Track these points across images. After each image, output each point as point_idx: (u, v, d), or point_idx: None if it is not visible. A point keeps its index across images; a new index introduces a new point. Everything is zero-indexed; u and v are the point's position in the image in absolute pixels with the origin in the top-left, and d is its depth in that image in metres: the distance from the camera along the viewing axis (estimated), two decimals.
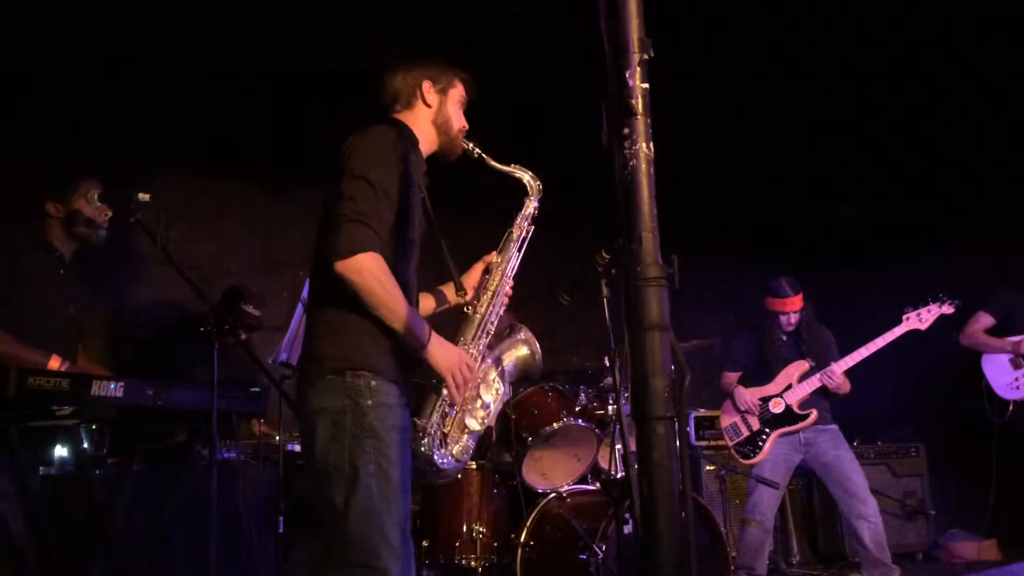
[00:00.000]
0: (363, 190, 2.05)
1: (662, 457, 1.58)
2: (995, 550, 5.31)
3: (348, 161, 2.11)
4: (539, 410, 3.72)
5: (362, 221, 2.02)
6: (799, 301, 4.51)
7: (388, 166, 2.12)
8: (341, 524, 1.99)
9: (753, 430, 4.48)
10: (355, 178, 2.07)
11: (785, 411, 4.42)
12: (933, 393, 6.00)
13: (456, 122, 2.42)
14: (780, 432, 4.42)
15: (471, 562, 3.61)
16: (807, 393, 4.40)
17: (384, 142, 2.16)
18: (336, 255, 1.99)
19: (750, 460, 4.45)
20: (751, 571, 4.35)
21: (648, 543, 1.55)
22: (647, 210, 1.68)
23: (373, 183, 2.06)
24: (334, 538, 2.01)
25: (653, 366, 1.61)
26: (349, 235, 2.00)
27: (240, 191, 5.04)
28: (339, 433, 2.02)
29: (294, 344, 3.30)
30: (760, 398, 4.50)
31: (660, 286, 1.65)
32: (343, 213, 2.03)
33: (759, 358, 4.63)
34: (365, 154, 2.12)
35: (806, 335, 4.54)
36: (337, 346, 2.07)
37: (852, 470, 4.31)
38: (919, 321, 4.34)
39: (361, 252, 1.99)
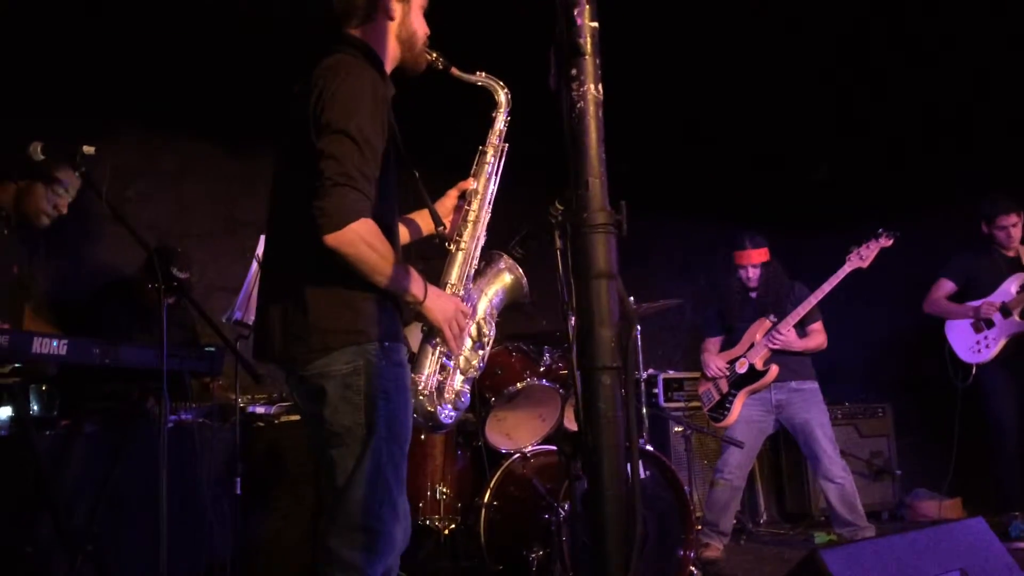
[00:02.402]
0: (346, 147, 1.88)
1: (608, 409, 1.54)
2: (959, 509, 5.37)
3: (323, 111, 1.91)
4: (503, 370, 3.67)
5: (349, 184, 1.86)
6: (760, 255, 4.48)
7: (368, 114, 1.94)
8: (347, 486, 1.94)
9: (722, 393, 4.50)
10: (334, 133, 1.89)
11: (749, 370, 4.42)
12: (899, 356, 6.03)
13: (421, 31, 2.20)
14: (746, 391, 4.44)
15: (435, 523, 3.58)
16: (768, 351, 4.40)
17: (361, 86, 1.96)
18: (326, 226, 1.84)
19: (722, 423, 4.47)
20: (716, 528, 4.39)
21: (592, 496, 1.51)
22: (595, 155, 1.62)
23: (356, 137, 1.89)
24: (339, 500, 1.95)
25: (600, 315, 1.56)
26: (338, 203, 1.85)
27: (201, 150, 4.92)
28: (351, 394, 1.95)
29: (249, 303, 3.23)
30: (727, 361, 4.51)
31: (607, 233, 1.59)
32: (328, 176, 1.86)
33: (728, 318, 4.63)
34: (342, 103, 1.92)
35: (770, 291, 4.52)
36: (344, 318, 1.96)
37: (820, 433, 4.32)
38: (860, 259, 4.33)
39: (352, 221, 1.85)
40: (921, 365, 5.30)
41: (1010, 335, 4.54)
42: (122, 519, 2.95)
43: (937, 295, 4.82)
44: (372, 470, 1.93)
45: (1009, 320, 4.54)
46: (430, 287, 2.07)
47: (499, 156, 2.40)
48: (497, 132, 2.40)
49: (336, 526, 1.94)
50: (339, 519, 1.94)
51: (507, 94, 2.41)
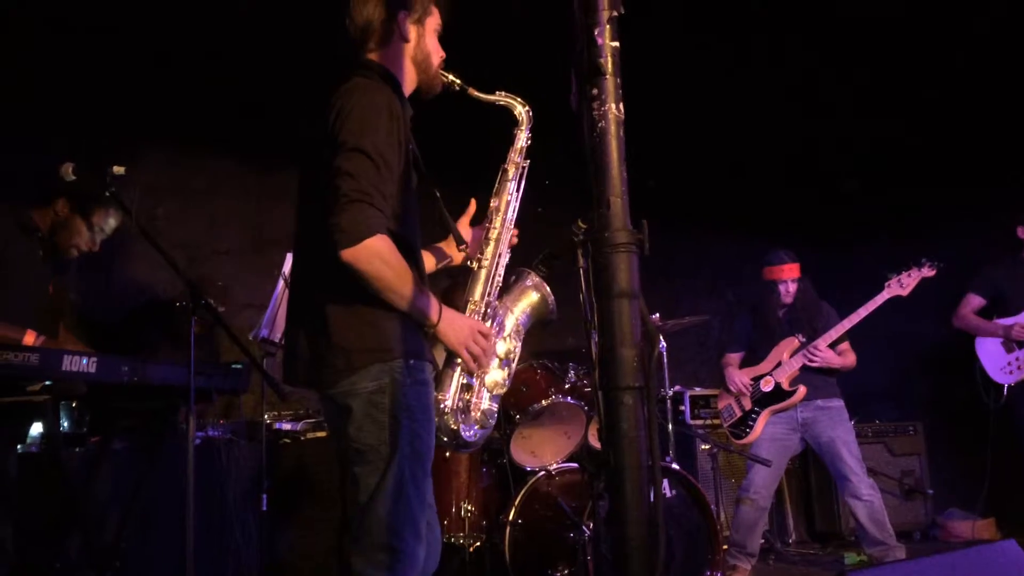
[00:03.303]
0: (362, 164, 1.90)
1: (630, 428, 1.53)
2: (992, 529, 5.27)
3: (340, 129, 1.93)
4: (528, 388, 3.67)
5: (365, 201, 1.87)
6: (796, 270, 4.45)
7: (384, 132, 1.95)
8: (369, 504, 1.94)
9: (745, 410, 4.45)
10: (351, 151, 1.90)
11: (775, 389, 4.38)
12: (931, 373, 5.94)
13: (436, 56, 2.22)
14: (770, 410, 4.38)
15: (460, 540, 3.57)
16: (796, 369, 4.35)
17: (376, 103, 1.97)
18: (342, 242, 1.85)
19: (743, 440, 4.42)
20: (743, 549, 4.33)
21: (615, 516, 1.50)
22: (616, 174, 1.62)
23: (371, 155, 1.90)
24: (361, 518, 1.96)
25: (621, 335, 1.56)
26: (354, 219, 1.86)
27: (230, 168, 4.97)
28: (376, 413, 1.95)
29: (276, 320, 3.26)
30: (752, 378, 4.46)
31: (629, 252, 1.59)
32: (344, 193, 1.87)
33: (755, 335, 4.59)
34: (358, 120, 1.94)
35: (801, 309, 4.48)
36: (368, 337, 1.96)
37: (846, 452, 4.25)
38: (900, 287, 4.27)
39: (368, 237, 1.86)
40: (953, 383, 5.21)
41: None
42: (150, 536, 2.97)
43: (966, 310, 4.74)
44: (394, 488, 1.93)
45: None
46: (446, 310, 2.07)
47: (520, 173, 2.40)
48: (518, 150, 2.40)
49: (359, 545, 1.94)
50: (361, 538, 1.94)
51: (528, 112, 2.41)
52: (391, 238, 1.93)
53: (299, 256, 2.16)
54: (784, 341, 4.43)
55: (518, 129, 2.41)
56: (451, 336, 2.07)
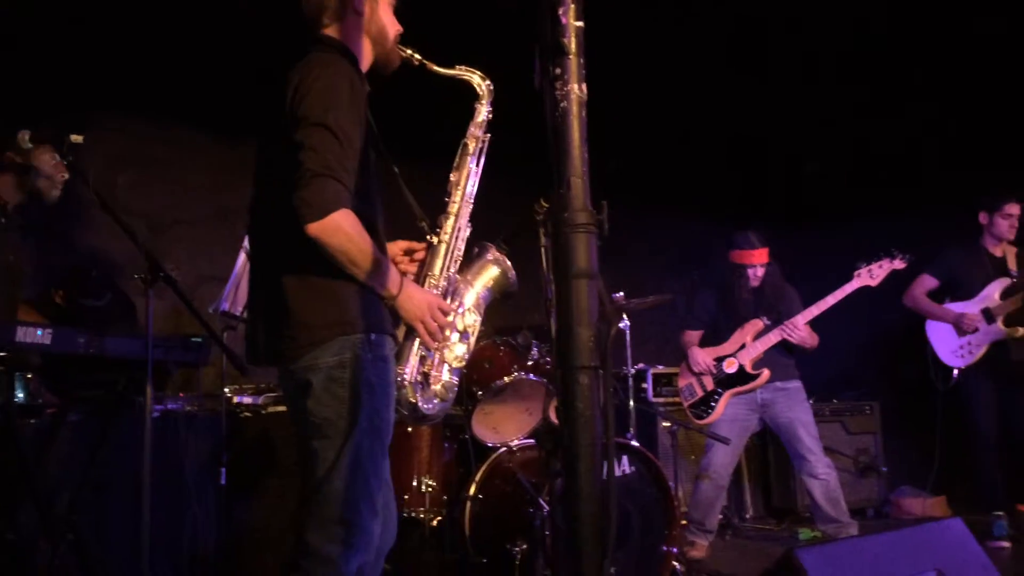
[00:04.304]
0: (325, 139, 1.90)
1: (585, 407, 1.55)
2: (942, 506, 5.40)
3: (301, 104, 1.94)
4: (490, 364, 3.68)
5: (331, 175, 1.88)
6: (765, 255, 4.47)
7: (346, 107, 1.96)
8: (326, 478, 1.95)
9: (707, 390, 4.48)
10: (313, 126, 1.91)
11: (738, 371, 4.42)
12: (888, 355, 6.05)
13: (391, 29, 2.22)
14: (733, 392, 4.43)
15: (420, 515, 3.60)
16: (760, 352, 4.40)
17: (337, 79, 1.98)
18: (308, 216, 1.86)
19: (703, 420, 4.46)
20: (702, 525, 4.39)
21: (568, 493, 1.52)
22: (577, 154, 1.62)
23: (334, 130, 1.91)
24: (318, 492, 1.96)
25: (579, 315, 1.57)
26: (319, 193, 1.87)
27: (193, 138, 4.90)
28: (335, 387, 1.96)
29: (237, 294, 3.23)
30: (715, 358, 4.49)
31: (588, 232, 1.60)
32: (309, 168, 1.88)
33: (719, 315, 4.61)
34: (320, 95, 1.94)
35: (769, 292, 4.51)
36: (329, 311, 1.97)
37: (804, 432, 4.33)
38: (870, 277, 4.34)
39: (334, 211, 1.87)
40: (907, 364, 5.31)
41: (993, 341, 4.55)
42: (105, 508, 2.95)
43: (918, 291, 4.80)
44: (352, 463, 1.94)
45: (993, 326, 4.55)
46: (407, 282, 2.08)
47: (481, 148, 2.40)
48: (478, 124, 2.39)
49: (313, 519, 1.95)
50: (317, 511, 1.95)
51: (488, 85, 2.40)
52: (354, 214, 1.93)
53: (258, 231, 2.15)
54: (749, 323, 4.46)
55: (478, 103, 2.39)
56: (410, 310, 2.08)
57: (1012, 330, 4.51)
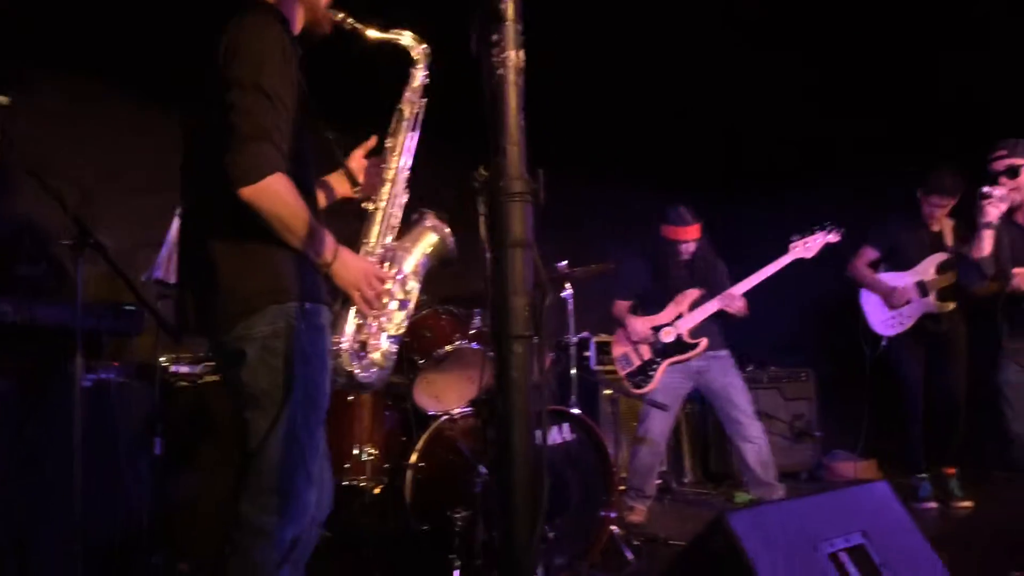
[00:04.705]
0: (258, 101, 1.87)
1: (519, 376, 1.55)
2: (873, 470, 5.59)
3: (232, 66, 1.90)
4: (432, 332, 3.68)
5: (264, 138, 1.85)
6: (698, 231, 4.54)
7: (278, 69, 1.92)
8: (261, 449, 1.93)
9: (644, 359, 4.54)
10: (245, 88, 1.87)
11: (676, 340, 4.49)
12: (824, 322, 6.18)
13: None
14: (671, 361, 4.49)
15: (361, 483, 3.59)
16: (698, 321, 4.47)
17: (269, 40, 1.93)
18: (241, 180, 1.83)
19: (642, 390, 4.52)
20: (641, 491, 4.48)
21: (501, 461, 1.53)
22: (514, 122, 1.62)
23: (267, 92, 1.88)
24: (252, 463, 1.94)
25: (514, 284, 1.57)
26: (252, 156, 1.84)
27: (130, 101, 4.75)
28: (269, 357, 1.93)
29: (169, 261, 3.16)
30: (651, 327, 4.54)
31: (524, 201, 1.60)
32: (241, 130, 1.84)
33: (651, 286, 4.65)
34: (251, 57, 1.90)
35: (701, 265, 4.59)
36: (262, 279, 1.94)
37: (739, 396, 4.44)
38: (805, 249, 4.44)
39: (268, 175, 1.84)
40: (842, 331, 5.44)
41: (924, 313, 4.68)
42: (36, 480, 2.88)
43: (860, 262, 4.90)
44: (287, 433, 1.92)
45: (925, 299, 4.66)
46: (343, 250, 2.06)
47: (417, 113, 2.36)
48: (414, 89, 2.35)
49: (248, 489, 1.93)
50: (251, 482, 1.93)
51: (424, 50, 2.36)
52: (288, 178, 1.90)
53: (189, 197, 2.10)
54: (685, 292, 4.53)
55: (414, 68, 2.35)
56: (346, 277, 2.06)
57: (943, 304, 4.62)
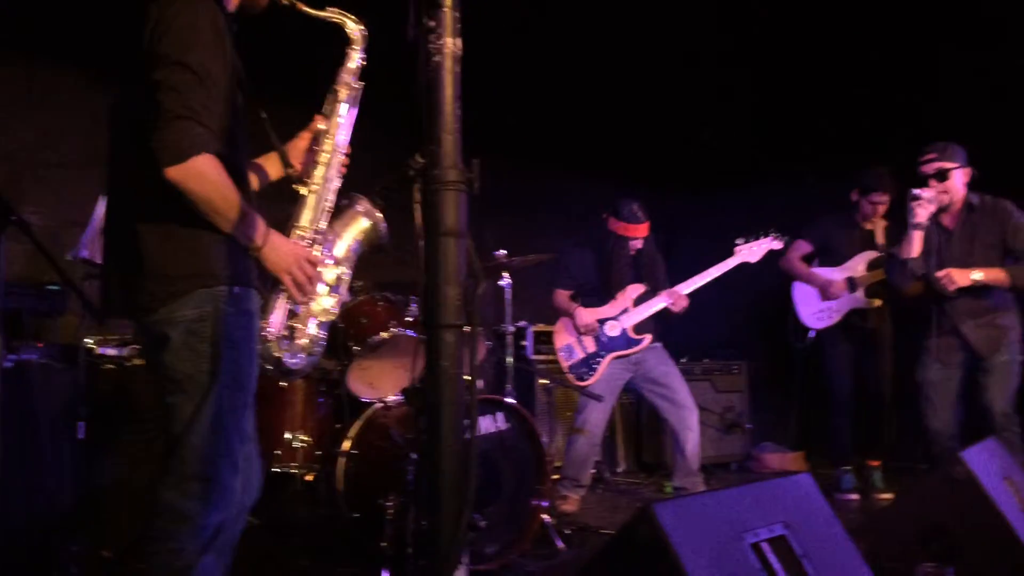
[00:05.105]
0: (186, 79, 1.81)
1: (450, 366, 1.56)
2: (800, 462, 5.73)
3: (160, 42, 1.84)
4: (368, 319, 3.65)
5: (192, 117, 1.80)
6: (647, 229, 4.56)
7: (209, 46, 1.86)
8: (184, 434, 1.89)
9: (588, 352, 4.55)
10: (174, 65, 1.82)
11: (621, 335, 4.51)
12: (757, 316, 6.30)
13: None
14: (615, 355, 4.52)
15: (292, 470, 3.56)
16: (643, 317, 4.51)
17: (199, 17, 1.87)
18: (167, 160, 1.78)
19: (585, 382, 4.52)
20: (576, 482, 4.50)
21: (430, 450, 1.53)
22: (449, 110, 1.61)
23: (196, 69, 1.82)
24: (175, 449, 1.90)
25: (446, 273, 1.58)
26: (180, 135, 1.79)
27: (61, 77, 4.60)
28: (195, 341, 1.89)
29: (96, 240, 3.07)
30: (596, 320, 4.56)
31: (458, 191, 1.60)
32: (168, 108, 1.79)
33: (595, 277, 4.66)
34: (181, 33, 1.84)
35: (646, 260, 4.62)
36: (189, 262, 1.90)
37: (679, 384, 4.50)
38: (750, 253, 4.52)
39: (196, 155, 1.79)
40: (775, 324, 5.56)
41: (852, 308, 4.81)
42: None
43: (793, 255, 5.01)
44: (212, 419, 1.89)
45: (854, 295, 4.79)
46: (273, 234, 2.02)
47: (353, 96, 2.33)
48: (350, 71, 2.31)
49: (171, 475, 1.89)
50: (174, 468, 1.89)
51: (361, 30, 2.31)
52: (218, 159, 1.86)
53: (115, 176, 2.04)
54: (631, 287, 4.55)
55: (351, 48, 2.31)
56: (276, 261, 2.02)
57: (871, 301, 4.77)
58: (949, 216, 4.06)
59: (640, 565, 1.96)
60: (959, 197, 4.01)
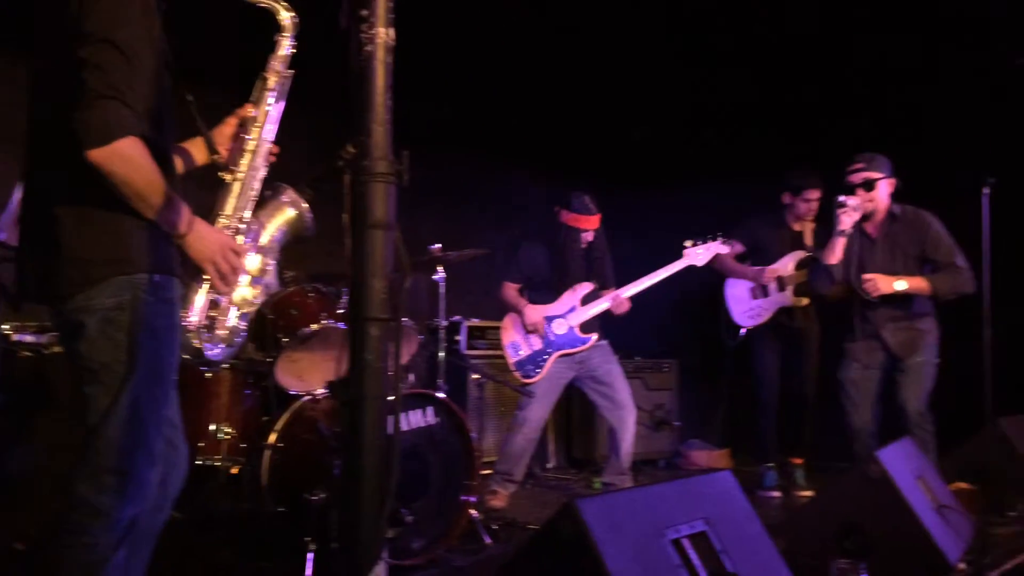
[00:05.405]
0: (112, 57, 1.75)
1: (374, 359, 1.54)
2: (726, 459, 5.84)
3: (86, 19, 1.77)
4: (298, 310, 3.59)
5: (117, 98, 1.74)
6: (598, 221, 4.55)
7: (137, 24, 1.81)
8: (100, 426, 1.83)
9: (535, 349, 4.53)
10: (99, 43, 1.75)
11: (567, 333, 4.52)
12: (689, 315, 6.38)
13: None
14: (561, 354, 4.51)
15: (216, 463, 3.48)
16: (590, 316, 4.52)
17: None
18: (90, 141, 1.72)
19: (531, 379, 4.50)
20: (509, 476, 4.50)
21: (351, 445, 1.51)
22: (380, 101, 1.60)
23: (123, 48, 1.76)
24: (90, 440, 1.84)
25: (373, 266, 1.56)
26: (103, 117, 1.73)
27: None
28: (112, 330, 1.83)
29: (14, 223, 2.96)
30: (544, 316, 4.54)
31: (387, 183, 1.58)
32: (93, 88, 1.73)
33: (546, 272, 4.62)
34: (107, 10, 1.78)
35: (597, 255, 4.62)
36: (109, 247, 1.83)
37: (621, 384, 4.53)
38: (697, 257, 4.56)
39: (120, 137, 1.73)
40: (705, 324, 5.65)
41: (781, 306, 4.93)
42: None
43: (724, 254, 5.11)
44: (128, 410, 1.84)
45: (783, 293, 4.91)
46: (198, 221, 1.97)
47: (282, 84, 2.29)
48: (280, 58, 2.28)
49: (85, 468, 1.84)
50: (88, 460, 1.84)
51: (293, 18, 2.27)
52: (143, 141, 1.81)
53: (34, 156, 1.97)
54: (580, 285, 4.55)
55: (281, 36, 2.27)
56: (199, 250, 1.97)
57: (798, 299, 4.89)
58: (872, 224, 4.19)
59: (563, 560, 1.98)
60: (883, 207, 4.14)
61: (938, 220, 4.13)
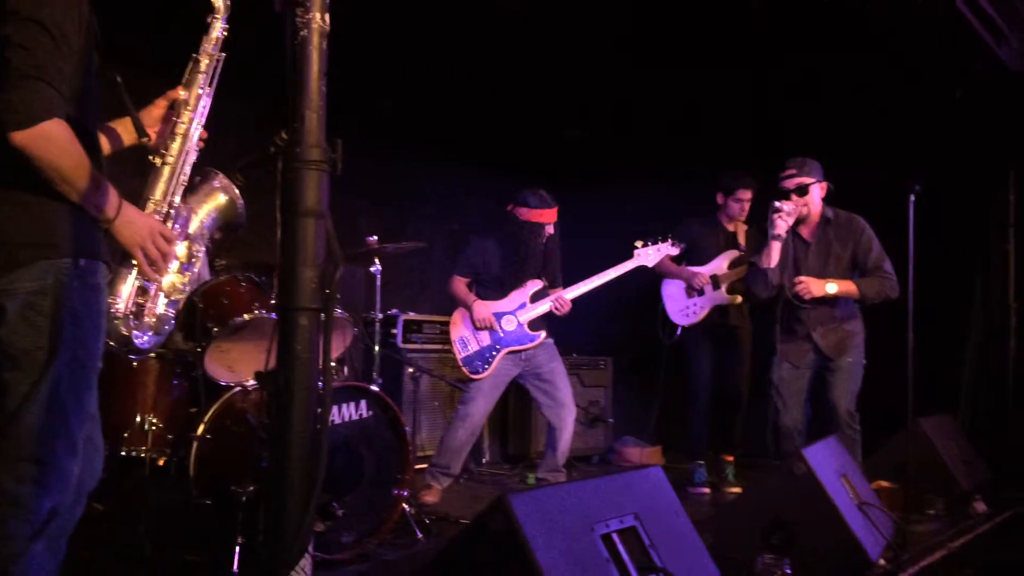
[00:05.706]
0: (37, 36, 1.70)
1: (303, 350, 1.51)
2: (658, 456, 5.92)
3: None
4: (230, 300, 3.51)
5: (42, 79, 1.70)
6: (556, 213, 4.52)
7: (64, 5, 1.76)
8: (19, 414, 1.77)
9: (483, 345, 4.49)
10: (26, 20, 1.70)
11: (516, 330, 4.50)
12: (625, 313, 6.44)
13: None
14: (509, 350, 4.49)
15: (140, 454, 3.39)
16: (538, 314, 4.50)
17: None
18: (13, 123, 1.67)
19: (479, 375, 4.47)
20: (446, 470, 4.48)
21: (278, 437, 1.48)
22: (315, 87, 1.57)
23: (49, 27, 1.72)
24: (7, 428, 1.78)
25: (304, 255, 1.53)
26: (28, 98, 1.68)
27: None
28: (33, 315, 1.77)
29: None
30: (493, 312, 4.50)
31: (319, 170, 1.55)
32: (17, 67, 1.68)
33: (497, 268, 4.57)
34: None
35: (552, 252, 4.60)
36: (33, 230, 1.78)
37: (563, 382, 4.54)
38: (647, 257, 4.58)
39: (45, 119, 1.69)
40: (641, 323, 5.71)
41: (715, 304, 5.02)
42: None
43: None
44: (49, 398, 1.78)
45: (717, 292, 5.01)
46: (127, 206, 1.92)
47: (214, 67, 2.25)
48: (212, 40, 2.23)
49: (2, 457, 1.78)
50: (6, 449, 1.78)
51: (225, 1, 2.24)
52: (69, 123, 1.76)
53: None
54: (530, 282, 4.52)
55: (213, 17, 2.23)
56: (128, 235, 1.93)
57: (732, 297, 4.99)
58: (807, 228, 4.27)
59: (493, 554, 1.98)
60: (817, 211, 4.23)
61: (869, 226, 4.23)
